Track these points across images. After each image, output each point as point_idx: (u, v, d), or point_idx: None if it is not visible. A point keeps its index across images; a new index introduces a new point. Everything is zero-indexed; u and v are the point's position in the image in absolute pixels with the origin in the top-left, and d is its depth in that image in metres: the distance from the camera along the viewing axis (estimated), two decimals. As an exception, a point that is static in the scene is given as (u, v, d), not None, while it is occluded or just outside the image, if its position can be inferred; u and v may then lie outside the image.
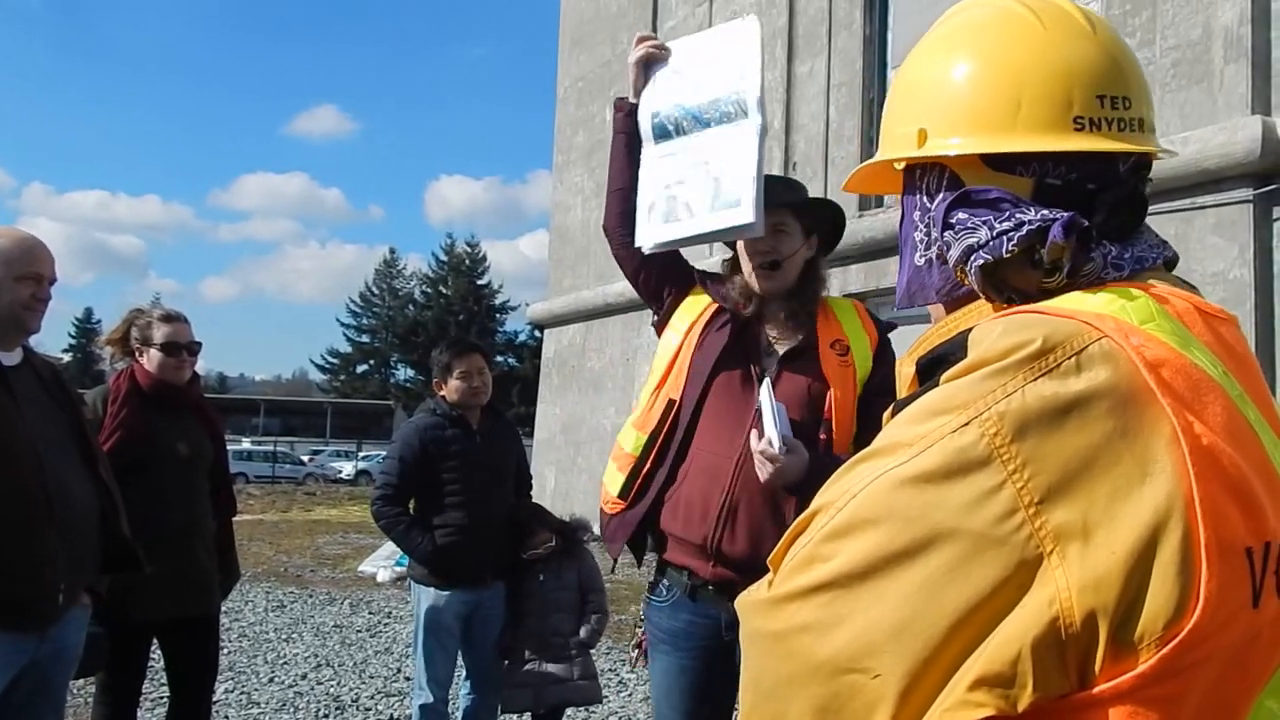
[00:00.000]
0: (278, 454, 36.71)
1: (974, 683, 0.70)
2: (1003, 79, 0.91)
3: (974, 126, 0.92)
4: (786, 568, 0.82)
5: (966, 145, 0.92)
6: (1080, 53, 0.90)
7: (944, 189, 0.95)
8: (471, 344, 4.10)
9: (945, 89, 0.95)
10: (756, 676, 0.83)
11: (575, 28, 14.83)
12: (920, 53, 1.00)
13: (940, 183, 0.96)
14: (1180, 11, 6.30)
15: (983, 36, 0.94)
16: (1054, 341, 0.75)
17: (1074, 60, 0.90)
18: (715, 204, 2.22)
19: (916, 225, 0.99)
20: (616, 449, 2.55)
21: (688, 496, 2.36)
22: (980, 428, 0.73)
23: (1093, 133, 0.89)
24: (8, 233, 2.62)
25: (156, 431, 3.23)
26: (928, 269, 0.97)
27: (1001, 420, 0.73)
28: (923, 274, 0.98)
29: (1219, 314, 0.86)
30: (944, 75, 0.95)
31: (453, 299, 53.11)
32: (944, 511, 0.73)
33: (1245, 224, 5.85)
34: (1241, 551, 0.70)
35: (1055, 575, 0.70)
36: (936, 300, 0.97)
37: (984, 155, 0.92)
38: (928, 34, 1.01)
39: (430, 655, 3.75)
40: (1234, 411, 0.75)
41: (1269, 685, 0.73)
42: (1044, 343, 0.75)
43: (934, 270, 0.96)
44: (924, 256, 0.97)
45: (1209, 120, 6.05)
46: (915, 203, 1.00)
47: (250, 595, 8.45)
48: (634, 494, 2.45)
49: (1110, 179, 0.91)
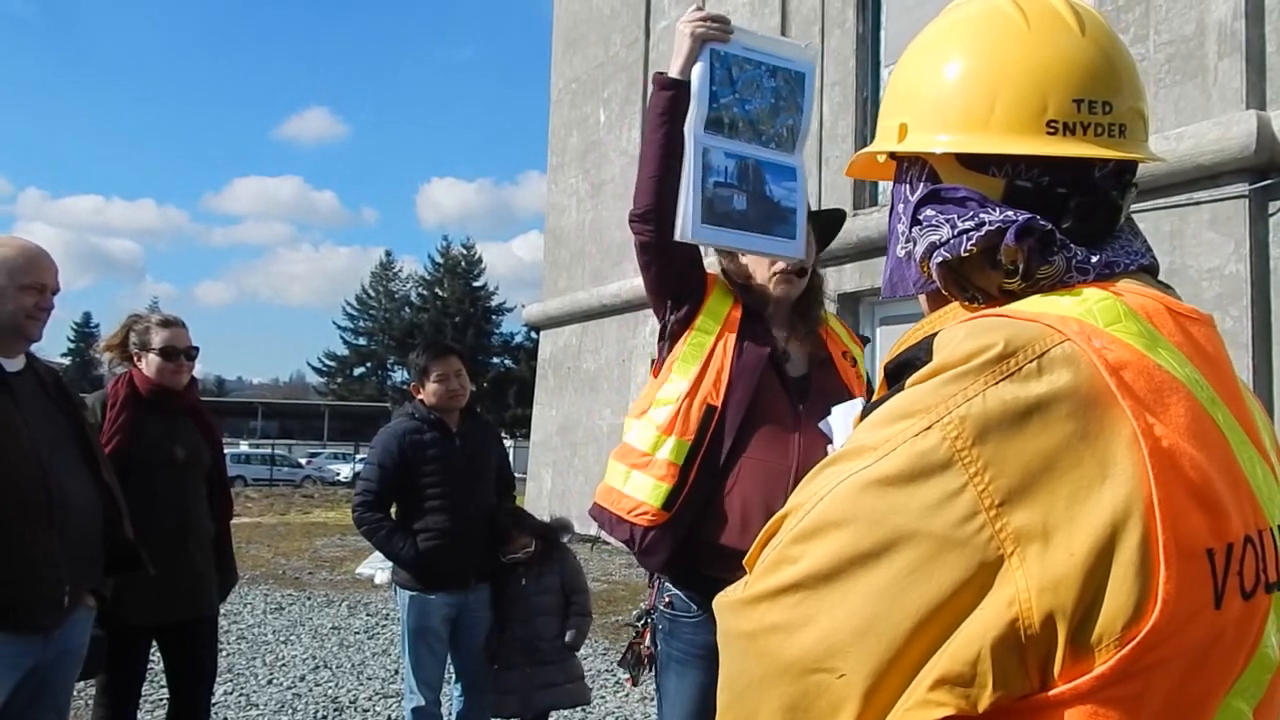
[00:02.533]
0: (275, 457, 36.71)
1: (935, 682, 0.71)
2: (981, 79, 0.91)
3: (950, 124, 0.92)
4: (759, 569, 0.82)
5: (941, 143, 0.93)
6: (1062, 54, 0.89)
7: (923, 184, 0.96)
8: (448, 346, 4.07)
9: (927, 85, 0.95)
10: (731, 676, 0.84)
11: (568, 29, 14.82)
12: (912, 48, 1.01)
13: (921, 177, 0.96)
14: (1174, 6, 6.31)
15: (967, 34, 0.94)
16: (1015, 345, 0.75)
17: (1053, 62, 0.89)
18: (771, 227, 2.28)
19: (900, 217, 0.99)
20: (637, 455, 2.35)
21: (743, 507, 2.25)
22: (942, 431, 0.74)
23: (1066, 137, 0.88)
24: (11, 242, 2.64)
25: (154, 435, 3.26)
26: (906, 261, 0.97)
27: (963, 424, 0.73)
28: (903, 266, 0.99)
29: (1191, 314, 0.86)
30: (927, 71, 0.95)
31: (449, 301, 53.05)
32: (906, 514, 0.73)
33: (1241, 219, 5.85)
34: (1202, 553, 0.70)
35: (1015, 576, 0.70)
36: (914, 292, 0.98)
37: (959, 154, 0.92)
38: (924, 29, 1.02)
39: (418, 659, 3.76)
40: (1199, 412, 0.76)
41: (1236, 686, 0.74)
42: (1005, 346, 0.75)
43: (912, 263, 0.96)
44: (904, 249, 0.97)
45: (1204, 115, 6.05)
46: (900, 194, 1.00)
47: (248, 598, 8.44)
48: (680, 505, 2.27)
49: (1084, 184, 0.90)
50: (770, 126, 2.31)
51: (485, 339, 52.12)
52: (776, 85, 2.32)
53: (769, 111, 2.30)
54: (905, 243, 0.97)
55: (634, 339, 12.46)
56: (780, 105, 2.32)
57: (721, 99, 2.26)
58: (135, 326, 3.38)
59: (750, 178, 2.28)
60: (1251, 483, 0.77)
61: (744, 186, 2.27)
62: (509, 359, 51.54)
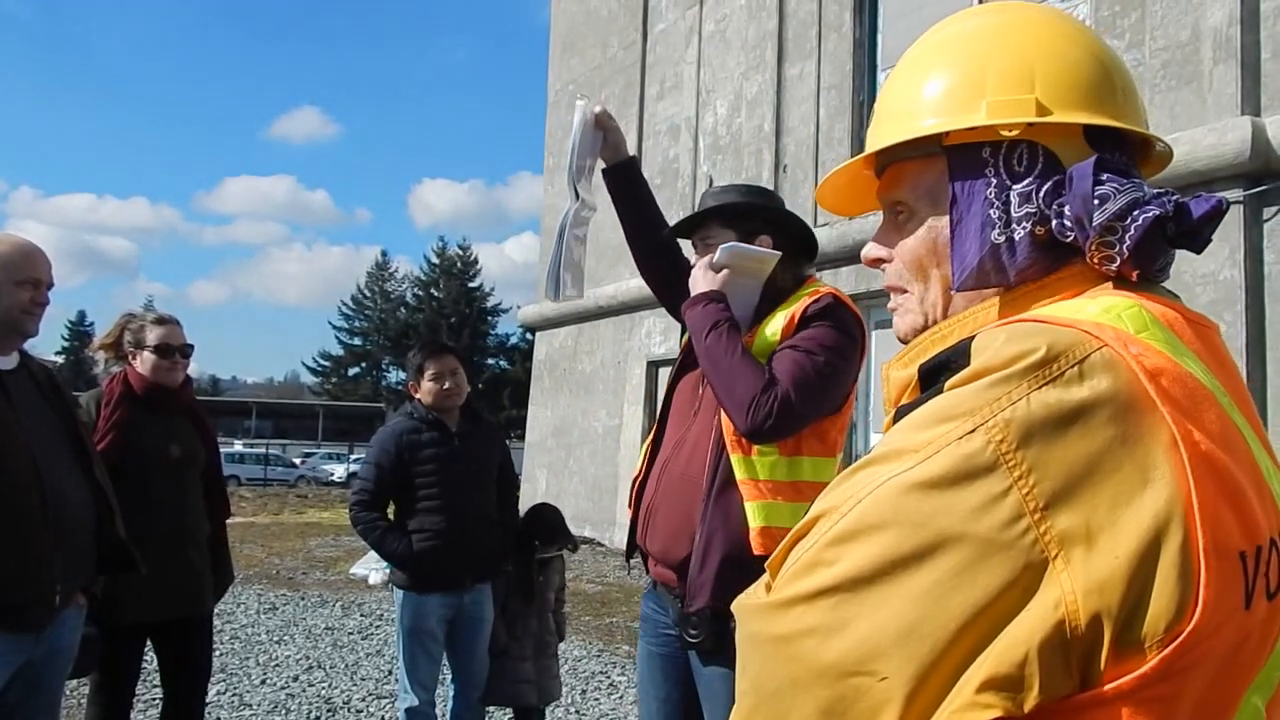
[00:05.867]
0: (270, 456, 36.66)
1: (982, 685, 0.71)
2: (1116, 63, 0.97)
3: (1086, 104, 0.94)
4: (789, 572, 0.82)
5: (1088, 119, 0.94)
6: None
7: (1039, 165, 0.94)
8: (444, 345, 4.05)
9: (1055, 61, 0.96)
10: (757, 680, 0.83)
11: (566, 32, 14.85)
12: (1017, 25, 1.00)
13: (1034, 160, 0.94)
14: (1169, 13, 6.33)
15: (1079, 27, 1.00)
16: (1057, 350, 0.76)
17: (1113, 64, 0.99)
18: (547, 273, 2.59)
19: (993, 204, 0.96)
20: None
21: (643, 500, 2.50)
22: (986, 434, 0.74)
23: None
24: (5, 239, 2.64)
25: (149, 434, 3.25)
26: (1008, 247, 0.95)
27: (1007, 427, 0.74)
28: (1000, 252, 0.95)
29: (1203, 322, 0.87)
30: (1056, 48, 0.97)
31: (444, 302, 53.09)
32: (951, 516, 0.73)
33: (1235, 225, 5.88)
34: (1236, 555, 0.72)
35: (1060, 579, 0.71)
36: (1012, 282, 0.95)
37: (1089, 129, 0.94)
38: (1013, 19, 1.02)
39: (414, 659, 3.75)
40: (1226, 418, 0.77)
41: (1255, 682, 0.75)
42: (1048, 351, 0.76)
43: (1019, 248, 0.94)
44: (1003, 234, 0.95)
45: (1199, 121, 6.08)
46: (986, 183, 0.97)
47: (242, 598, 8.43)
48: (631, 503, 2.56)
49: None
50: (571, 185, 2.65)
51: (481, 340, 52.14)
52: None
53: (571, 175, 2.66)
54: (1005, 228, 0.94)
55: (630, 341, 12.47)
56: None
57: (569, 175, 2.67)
58: (129, 325, 3.38)
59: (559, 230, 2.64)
60: (1271, 486, 0.78)
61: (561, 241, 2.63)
62: (504, 360, 51.60)
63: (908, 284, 1.03)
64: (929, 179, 1.00)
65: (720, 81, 11.07)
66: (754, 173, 10.19)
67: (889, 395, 0.99)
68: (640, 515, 2.47)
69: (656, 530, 2.39)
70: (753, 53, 10.71)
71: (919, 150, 1.00)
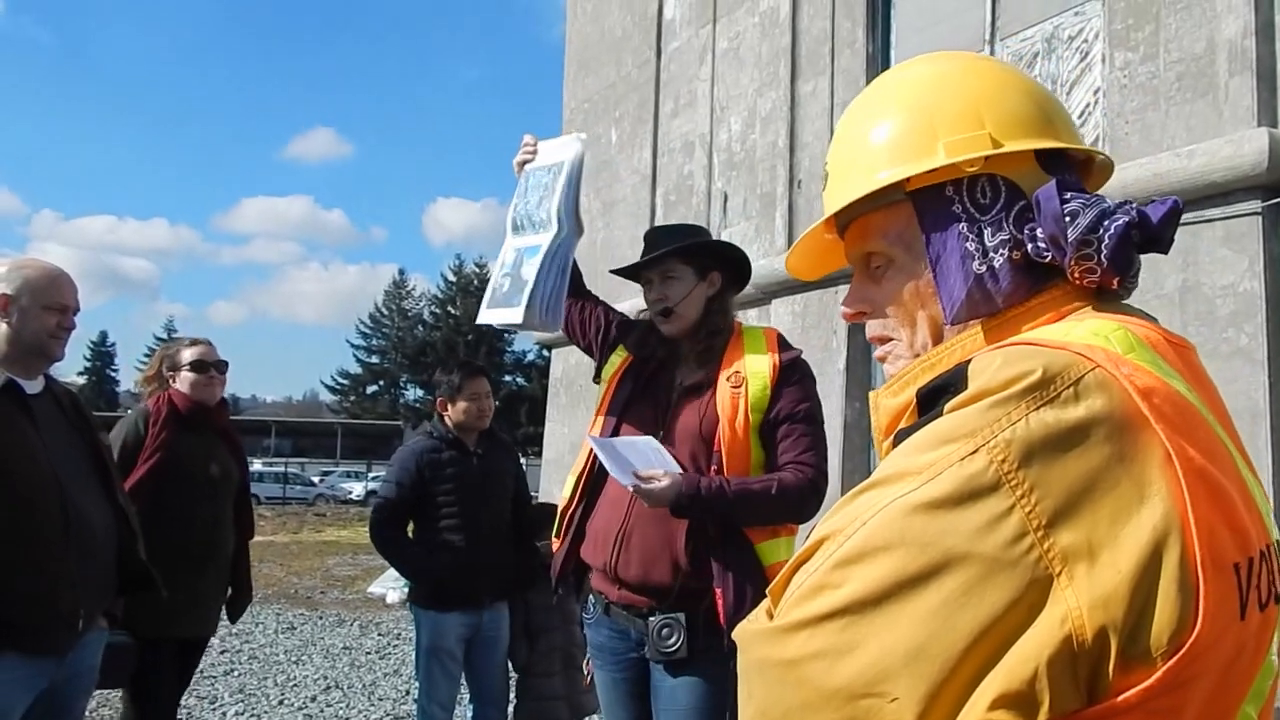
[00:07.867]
0: (289, 475, 36.81)
1: (993, 702, 0.72)
2: (1037, 91, 1.02)
3: (1029, 131, 0.98)
4: (793, 596, 0.82)
5: (1033, 143, 0.98)
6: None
7: (1002, 195, 0.97)
8: (479, 367, 4.15)
9: (1005, 97, 0.99)
10: (764, 705, 0.83)
11: (580, 51, 14.94)
12: (940, 77, 1.04)
13: (996, 191, 0.98)
14: (1183, 25, 6.31)
15: (998, 68, 1.05)
16: (1053, 372, 0.78)
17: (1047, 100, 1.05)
18: (511, 299, 2.63)
19: (967, 237, 0.98)
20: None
21: (595, 526, 2.58)
22: (988, 455, 0.75)
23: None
24: (34, 264, 2.69)
25: (192, 453, 3.39)
26: (990, 276, 0.96)
27: (1008, 447, 0.75)
28: (984, 280, 0.96)
29: (1182, 343, 0.90)
30: (1000, 86, 1.01)
31: (461, 319, 53.24)
32: (956, 536, 0.74)
33: (1254, 236, 5.83)
34: (1231, 567, 0.74)
35: (1066, 594, 0.72)
36: (1001, 307, 0.97)
37: (1043, 154, 0.98)
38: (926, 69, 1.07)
39: (433, 678, 3.76)
40: (1214, 435, 0.80)
41: (1249, 693, 0.77)
42: (1044, 373, 0.78)
43: (1000, 275, 0.96)
44: (983, 263, 0.97)
45: (1215, 133, 6.04)
46: (956, 219, 0.98)
47: (260, 617, 8.45)
48: (564, 531, 2.67)
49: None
50: (538, 214, 2.71)
51: (498, 356, 52.26)
52: (548, 180, 2.72)
53: (538, 203, 2.72)
54: (983, 258, 0.96)
55: (646, 357, 12.47)
56: (544, 195, 2.71)
57: (518, 207, 2.77)
58: (166, 353, 3.58)
59: (516, 262, 2.71)
60: (1255, 499, 0.80)
61: (513, 271, 2.70)
62: (521, 377, 51.68)
63: (893, 332, 1.04)
64: (898, 225, 1.02)
65: (734, 98, 11.12)
66: (768, 188, 10.21)
67: (879, 423, 1.00)
68: (600, 541, 2.54)
69: (631, 556, 2.46)
70: (766, 69, 10.77)
71: (881, 201, 1.02)
